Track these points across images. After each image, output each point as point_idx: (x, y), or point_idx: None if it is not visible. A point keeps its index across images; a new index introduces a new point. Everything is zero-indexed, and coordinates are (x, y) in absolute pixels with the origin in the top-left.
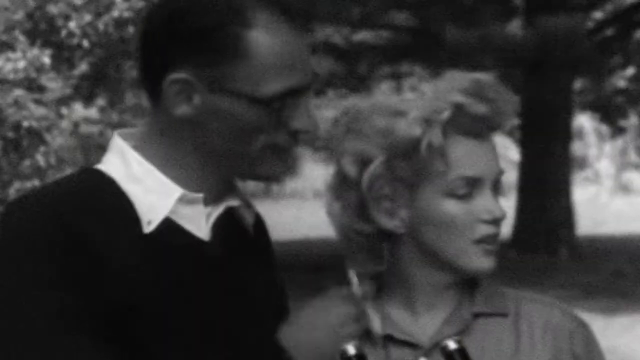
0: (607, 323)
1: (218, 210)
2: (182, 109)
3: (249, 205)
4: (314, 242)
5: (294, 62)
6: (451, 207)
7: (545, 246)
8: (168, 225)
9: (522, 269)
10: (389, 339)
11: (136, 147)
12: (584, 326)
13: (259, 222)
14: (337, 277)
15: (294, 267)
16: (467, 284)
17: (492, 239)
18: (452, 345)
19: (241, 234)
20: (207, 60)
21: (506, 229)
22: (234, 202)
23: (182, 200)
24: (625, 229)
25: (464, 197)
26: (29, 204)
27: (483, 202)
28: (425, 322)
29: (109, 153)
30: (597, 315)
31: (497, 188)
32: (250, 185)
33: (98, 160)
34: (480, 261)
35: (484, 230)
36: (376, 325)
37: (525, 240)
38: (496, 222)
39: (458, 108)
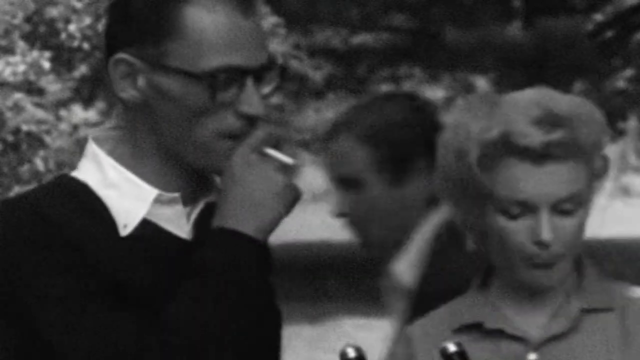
0: None
1: (197, 208)
2: (129, 93)
3: None
4: (313, 245)
5: (234, 40)
6: (502, 223)
7: None
8: (147, 228)
9: None
10: (499, 333)
11: (110, 151)
12: None
13: None
14: (336, 278)
15: (293, 269)
16: (574, 278)
17: (539, 258)
18: (451, 347)
19: None
20: (147, 39)
21: None
22: (213, 198)
23: (159, 201)
24: (625, 232)
25: (515, 217)
26: (9, 203)
27: (531, 223)
28: (533, 317)
29: (83, 159)
30: None
31: (563, 210)
32: None
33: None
34: (533, 277)
35: (530, 249)
36: (486, 318)
37: None
38: (540, 244)
39: (507, 134)
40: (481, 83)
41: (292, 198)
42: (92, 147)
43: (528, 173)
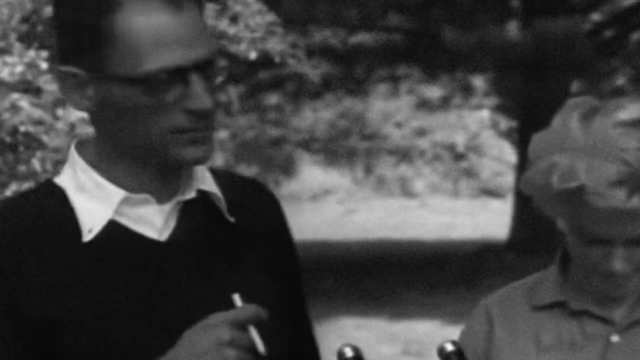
0: None
1: (169, 206)
2: (82, 104)
3: (216, 193)
4: (311, 244)
5: (168, 39)
6: (580, 245)
7: (543, 248)
8: (115, 230)
9: (519, 271)
10: (583, 314)
11: (89, 155)
12: None
13: (260, 202)
14: (335, 278)
15: None
16: None
17: (608, 291)
18: (449, 347)
19: (220, 225)
20: (82, 49)
21: (504, 230)
22: (187, 195)
23: (129, 202)
24: None
25: (592, 244)
26: None
27: (606, 252)
28: (617, 303)
29: (66, 163)
30: None
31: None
32: None
33: None
34: (604, 288)
35: (604, 275)
36: (571, 298)
37: (523, 242)
38: (610, 276)
39: (584, 190)
40: (479, 83)
41: None
42: (71, 151)
43: (605, 215)
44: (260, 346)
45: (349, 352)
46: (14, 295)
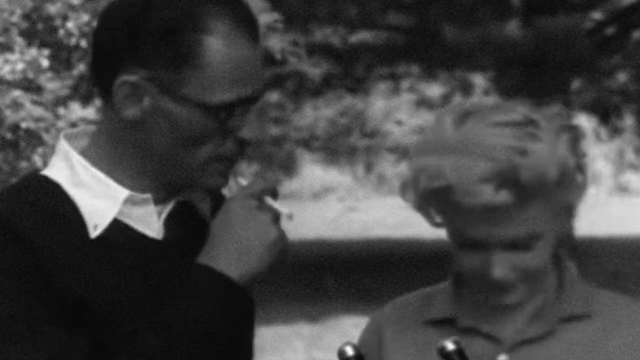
0: None
1: (168, 207)
2: (131, 111)
3: (204, 196)
4: (313, 244)
5: (247, 73)
6: (457, 251)
7: None
8: (118, 228)
9: None
10: (472, 331)
11: (83, 150)
12: None
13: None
14: (335, 277)
15: (293, 269)
16: (555, 282)
17: (493, 301)
18: (450, 346)
19: (203, 225)
20: (161, 64)
21: None
22: (183, 197)
23: (130, 201)
24: (624, 230)
25: (468, 250)
26: None
27: (483, 258)
28: (508, 319)
29: (54, 157)
30: None
31: (519, 246)
32: None
33: None
34: (487, 296)
35: (483, 286)
36: (460, 315)
37: None
38: (492, 284)
39: (450, 189)
40: (479, 81)
41: (280, 250)
42: (62, 144)
43: (478, 218)
44: (285, 210)
45: (349, 351)
46: (47, 270)
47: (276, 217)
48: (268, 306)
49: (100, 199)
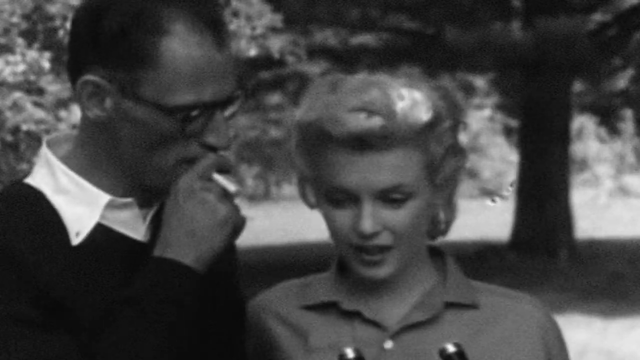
0: (605, 325)
1: (152, 210)
2: (95, 112)
3: None
4: (312, 245)
5: (207, 76)
6: (328, 211)
7: (545, 248)
8: (101, 232)
9: (521, 271)
10: (355, 316)
11: (65, 156)
12: (555, 324)
13: None
14: None
15: (293, 270)
16: (436, 274)
17: (367, 250)
18: (450, 348)
19: None
20: (119, 64)
21: (505, 230)
22: (166, 199)
23: (113, 206)
24: (624, 232)
25: (341, 206)
26: None
27: (354, 213)
28: (392, 307)
29: (37, 164)
30: (596, 317)
31: (391, 199)
32: (249, 188)
33: None
34: (360, 269)
35: (356, 240)
36: (343, 299)
37: (524, 243)
38: (363, 236)
39: (321, 120)
40: (480, 83)
41: (232, 229)
42: (44, 151)
43: (349, 161)
44: (231, 186)
45: (350, 353)
46: (28, 286)
47: (225, 193)
48: None
49: (81, 205)
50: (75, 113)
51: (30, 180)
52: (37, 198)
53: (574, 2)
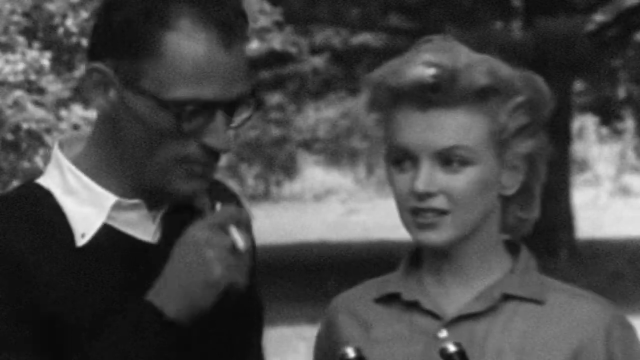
0: None
1: (161, 212)
2: (99, 102)
3: (206, 201)
4: (313, 245)
5: (210, 73)
6: (392, 175)
7: (545, 248)
8: (108, 234)
9: None
10: (415, 306)
11: (76, 156)
12: (624, 328)
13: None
14: (336, 278)
15: (293, 269)
16: (507, 263)
17: (422, 212)
18: (451, 348)
19: None
20: (124, 54)
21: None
22: (172, 201)
23: (120, 207)
24: (625, 232)
25: (404, 168)
26: None
27: (413, 174)
28: (456, 296)
29: (49, 164)
30: None
31: (449, 162)
32: (249, 188)
33: None
34: (416, 233)
35: (412, 202)
36: (405, 290)
37: (525, 242)
38: (419, 196)
39: (385, 75)
40: None
41: (223, 290)
42: (55, 152)
43: (412, 119)
44: (240, 243)
45: (351, 353)
46: (25, 288)
47: (233, 247)
48: (269, 308)
49: (88, 206)
50: (75, 113)
51: (41, 181)
52: (45, 198)
53: (574, 2)
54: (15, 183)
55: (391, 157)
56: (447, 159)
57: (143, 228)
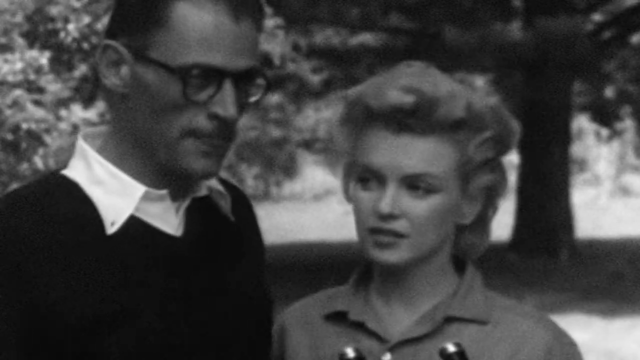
0: (606, 325)
1: (185, 203)
2: (112, 81)
3: (222, 191)
4: (313, 244)
5: (216, 41)
6: (356, 192)
7: (545, 248)
8: (135, 225)
9: (521, 271)
10: (361, 326)
11: (100, 148)
12: (566, 346)
13: (242, 203)
14: (336, 278)
15: (293, 269)
16: (454, 284)
17: (383, 232)
18: (451, 348)
19: (222, 223)
20: (135, 29)
21: (506, 231)
22: (200, 192)
23: (147, 198)
24: (625, 231)
25: (368, 186)
26: (10, 204)
27: (377, 194)
28: (403, 317)
29: (74, 157)
30: (597, 317)
31: (415, 187)
32: (249, 188)
33: None
34: (373, 251)
35: (373, 221)
36: (353, 309)
37: (525, 243)
38: (382, 217)
39: (364, 95)
40: (480, 83)
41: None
42: (80, 144)
43: (383, 141)
44: None
45: (350, 353)
46: (37, 300)
47: None
48: None
49: (116, 195)
50: (75, 113)
51: (66, 172)
52: (72, 188)
53: (574, 2)
54: (14, 185)
55: (357, 174)
56: (414, 184)
57: (167, 220)
